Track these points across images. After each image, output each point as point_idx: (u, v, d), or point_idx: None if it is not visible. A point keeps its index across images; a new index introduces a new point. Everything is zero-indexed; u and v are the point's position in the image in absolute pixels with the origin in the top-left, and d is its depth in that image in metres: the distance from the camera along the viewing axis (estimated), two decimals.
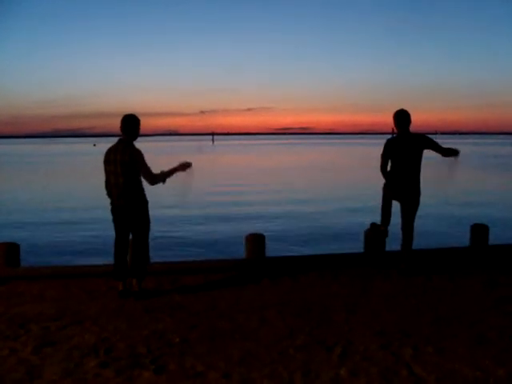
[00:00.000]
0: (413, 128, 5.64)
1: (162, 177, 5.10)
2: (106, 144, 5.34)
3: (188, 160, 5.20)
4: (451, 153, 5.66)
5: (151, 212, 5.15)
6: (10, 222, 13.77)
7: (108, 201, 5.10)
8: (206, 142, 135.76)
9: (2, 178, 29.56)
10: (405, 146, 5.55)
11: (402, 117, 5.62)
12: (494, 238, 6.74)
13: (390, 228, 5.88)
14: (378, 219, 5.97)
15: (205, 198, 18.72)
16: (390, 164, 5.68)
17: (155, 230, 5.94)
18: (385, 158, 5.66)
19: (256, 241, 6.09)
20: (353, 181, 25.40)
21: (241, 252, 6.44)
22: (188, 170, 5.16)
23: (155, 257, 6.39)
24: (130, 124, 5.01)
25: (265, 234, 6.30)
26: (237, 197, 19.18)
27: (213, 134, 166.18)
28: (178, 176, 5.19)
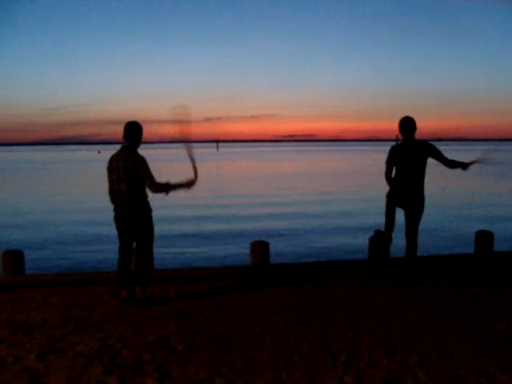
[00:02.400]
0: (417, 135, 5.65)
1: (167, 188, 4.97)
2: (111, 151, 5.35)
3: (193, 177, 5.04)
4: (456, 165, 5.62)
5: (155, 220, 5.14)
6: (15, 229, 13.82)
7: (111, 208, 5.09)
8: (211, 149, 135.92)
9: (9, 185, 29.67)
10: (409, 153, 5.55)
11: (407, 124, 5.62)
12: (498, 245, 6.73)
13: (394, 235, 5.86)
14: (382, 226, 5.96)
15: (210, 204, 18.74)
16: (394, 170, 5.68)
17: (160, 236, 5.95)
18: (389, 164, 5.66)
19: (261, 248, 6.10)
20: (357, 188, 25.37)
21: (246, 259, 6.45)
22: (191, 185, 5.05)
23: (160, 264, 6.41)
24: (133, 131, 4.99)
25: (269, 240, 6.31)
26: (242, 203, 19.18)
27: (217, 141, 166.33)
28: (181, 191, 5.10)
